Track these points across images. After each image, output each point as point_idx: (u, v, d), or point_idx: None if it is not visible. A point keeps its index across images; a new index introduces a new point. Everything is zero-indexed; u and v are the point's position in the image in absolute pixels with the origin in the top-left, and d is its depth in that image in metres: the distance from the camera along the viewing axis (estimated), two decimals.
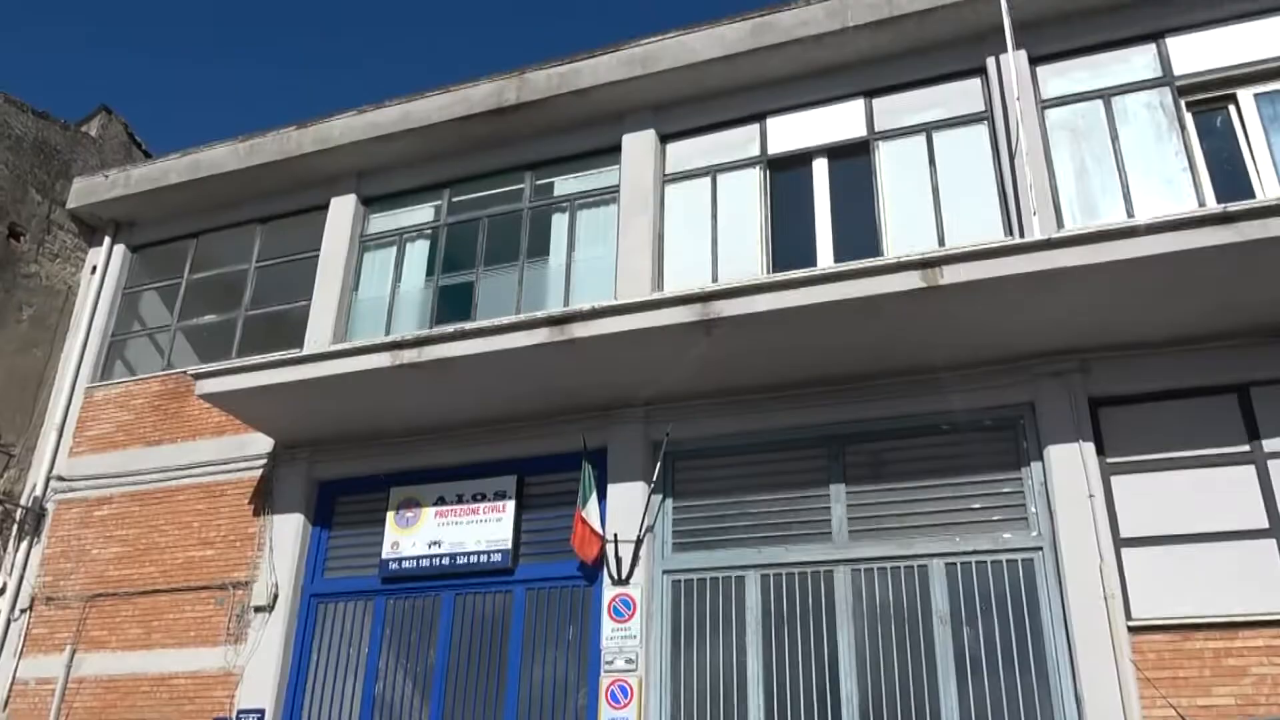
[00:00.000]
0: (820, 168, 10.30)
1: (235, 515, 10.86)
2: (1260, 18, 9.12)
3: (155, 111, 37.37)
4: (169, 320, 12.87)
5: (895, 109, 10.20)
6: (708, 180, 10.68)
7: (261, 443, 10.95)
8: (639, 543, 9.06)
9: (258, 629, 10.10)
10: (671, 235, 10.57)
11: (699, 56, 10.50)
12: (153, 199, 13.02)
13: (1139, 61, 9.46)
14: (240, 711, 9.76)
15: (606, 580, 9.06)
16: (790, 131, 10.53)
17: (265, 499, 10.75)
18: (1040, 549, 8.08)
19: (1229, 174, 8.86)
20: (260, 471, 10.92)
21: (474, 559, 9.72)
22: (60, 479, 12.05)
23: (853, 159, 10.20)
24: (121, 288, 13.28)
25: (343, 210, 12.13)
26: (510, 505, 9.80)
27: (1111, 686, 7.35)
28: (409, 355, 9.16)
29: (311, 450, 10.74)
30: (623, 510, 9.24)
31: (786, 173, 10.47)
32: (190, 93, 39.15)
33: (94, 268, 13.31)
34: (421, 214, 11.96)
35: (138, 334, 13.15)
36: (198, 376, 10.09)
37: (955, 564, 8.28)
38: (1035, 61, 9.72)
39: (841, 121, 10.35)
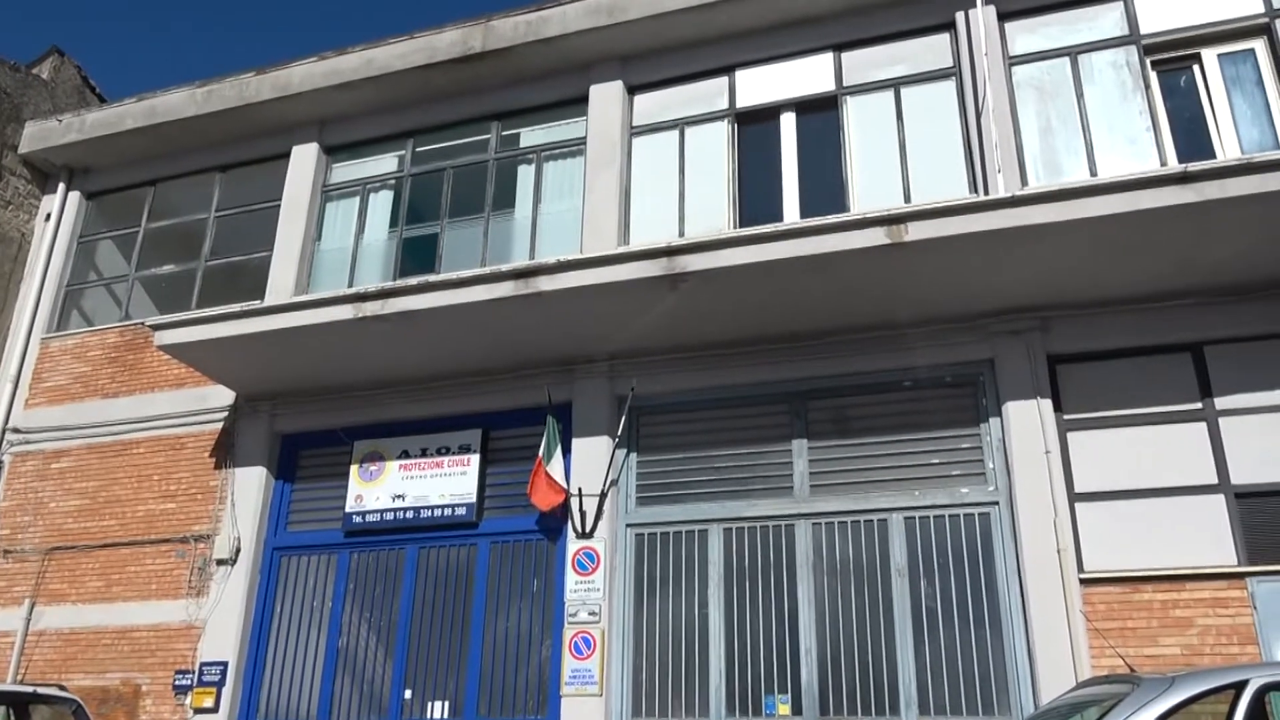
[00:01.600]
0: (788, 122, 10.24)
1: (196, 468, 10.78)
2: None
3: (108, 55, 36.35)
4: (126, 270, 12.64)
5: (864, 64, 10.15)
6: (675, 133, 10.60)
7: (222, 395, 10.84)
8: (603, 496, 9.11)
9: (220, 582, 10.08)
10: (638, 188, 10.49)
11: (668, 6, 10.36)
12: (108, 145, 12.72)
13: (1106, 19, 9.46)
14: (203, 664, 9.78)
15: (570, 534, 9.12)
16: (759, 85, 10.45)
17: (227, 452, 10.67)
18: (997, 503, 8.23)
19: (1191, 134, 8.92)
20: (221, 424, 10.83)
21: (438, 512, 9.74)
22: (16, 431, 11.88)
23: (821, 113, 10.15)
24: (77, 236, 13.01)
25: (304, 159, 11.92)
26: (475, 459, 9.80)
27: (1062, 637, 7.54)
28: (372, 307, 9.08)
29: (273, 403, 10.66)
30: (587, 464, 9.27)
31: (754, 126, 10.40)
32: (144, 36, 38.11)
33: (48, 215, 13.01)
34: (385, 164, 11.79)
35: (94, 284, 12.91)
36: (156, 327, 9.94)
37: (914, 518, 8.42)
38: (1004, 18, 9.69)
39: (810, 75, 10.28)
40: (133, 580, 10.54)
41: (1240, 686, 4.80)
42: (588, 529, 9.06)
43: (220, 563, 10.13)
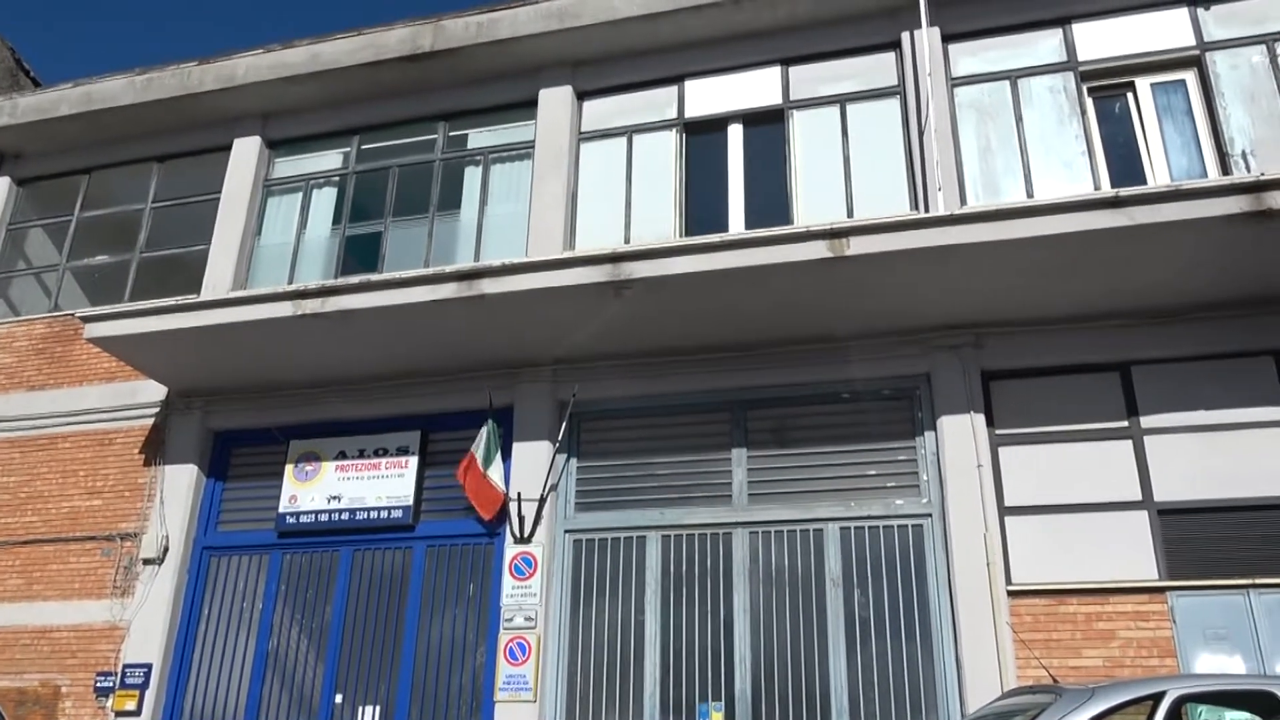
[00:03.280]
0: (735, 133, 10.34)
1: (124, 465, 10.52)
2: (1160, 9, 9.46)
3: (44, 38, 35.36)
4: (57, 259, 12.30)
5: (811, 78, 10.28)
6: (624, 140, 10.63)
7: (154, 390, 10.59)
8: (542, 501, 9.08)
9: (146, 582, 9.84)
10: (585, 194, 10.50)
11: (620, 14, 10.39)
12: (42, 130, 12.37)
13: (1045, 45, 9.71)
14: (126, 665, 9.53)
15: (508, 538, 9.08)
16: (708, 95, 10.53)
17: (157, 449, 10.43)
18: (930, 515, 8.38)
19: (1124, 159, 9.20)
20: (152, 420, 10.58)
21: (374, 515, 9.62)
22: None
23: (768, 126, 10.27)
24: (6, 223, 12.62)
25: (246, 152, 11.72)
26: (413, 461, 9.71)
27: (990, 648, 7.69)
28: (312, 305, 8.95)
29: (207, 400, 10.45)
30: (527, 469, 9.24)
31: (702, 136, 10.48)
32: (83, 21, 37.14)
33: None
34: (329, 160, 11.64)
35: (23, 272, 12.53)
36: (87, 319, 9.69)
37: (849, 528, 8.53)
38: (948, 39, 9.90)
39: (758, 88, 10.39)
40: (55, 579, 10.24)
41: (1158, 698, 4.97)
42: (526, 534, 9.02)
43: (147, 562, 9.89)
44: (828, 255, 7.84)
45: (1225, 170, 8.78)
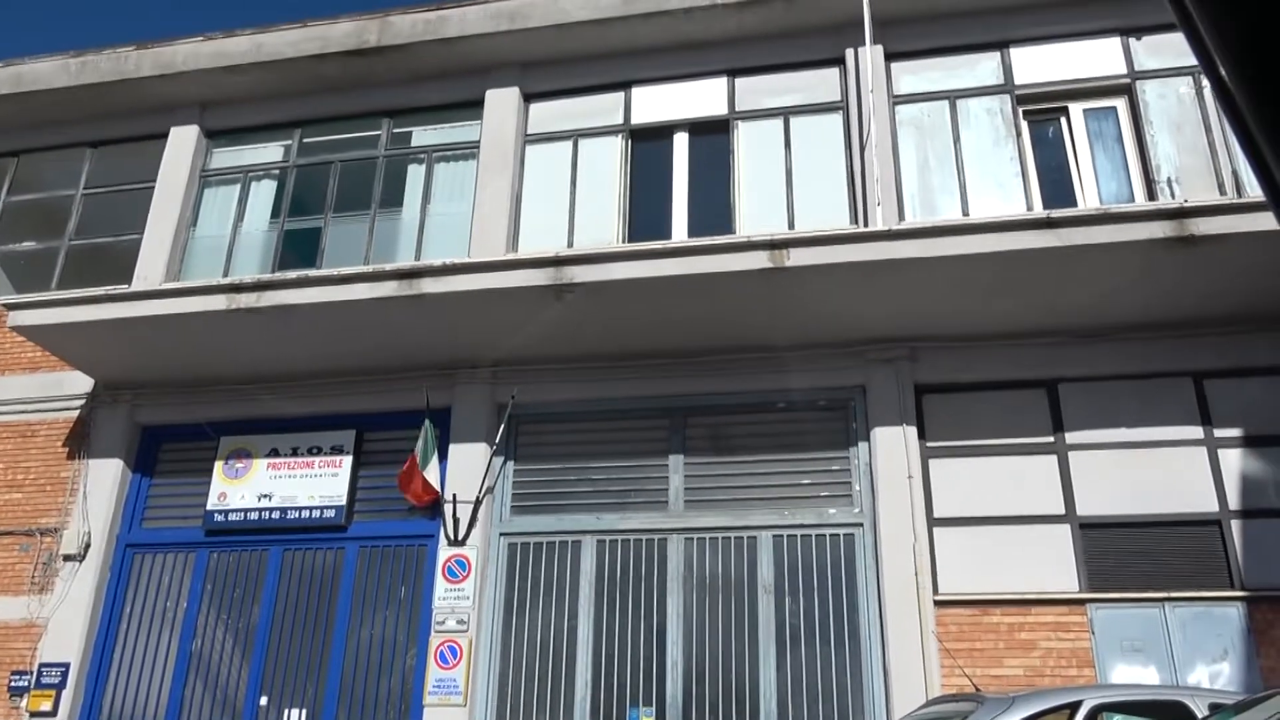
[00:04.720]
0: (681, 142, 10.41)
1: (47, 458, 10.22)
2: (1093, 37, 9.75)
3: None
4: None
5: (757, 90, 10.39)
6: (569, 144, 10.62)
7: (80, 382, 10.32)
8: (477, 504, 9.04)
9: (66, 579, 9.57)
10: (529, 197, 10.48)
11: (570, 17, 10.40)
12: None
13: (984, 67, 9.95)
14: (43, 664, 9.26)
15: (442, 540, 9.02)
16: (654, 103, 10.59)
17: (81, 442, 10.16)
18: (861, 525, 8.52)
19: (1056, 182, 9.45)
20: (77, 413, 10.30)
21: (306, 514, 9.48)
22: None
23: (713, 136, 10.35)
24: None
25: (183, 141, 11.47)
26: (347, 461, 9.59)
27: (916, 656, 7.85)
28: (247, 299, 8.81)
29: (135, 393, 10.20)
30: (463, 471, 9.19)
31: (648, 143, 10.52)
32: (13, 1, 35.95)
33: None
34: (270, 152, 11.45)
35: None
36: (11, 307, 9.42)
37: (782, 536, 8.63)
38: (891, 58, 10.08)
39: (705, 98, 10.47)
40: None
41: (1075, 707, 5.13)
42: (460, 536, 8.97)
43: (68, 558, 9.62)
44: (768, 265, 7.94)
45: (1152, 196, 9.07)
